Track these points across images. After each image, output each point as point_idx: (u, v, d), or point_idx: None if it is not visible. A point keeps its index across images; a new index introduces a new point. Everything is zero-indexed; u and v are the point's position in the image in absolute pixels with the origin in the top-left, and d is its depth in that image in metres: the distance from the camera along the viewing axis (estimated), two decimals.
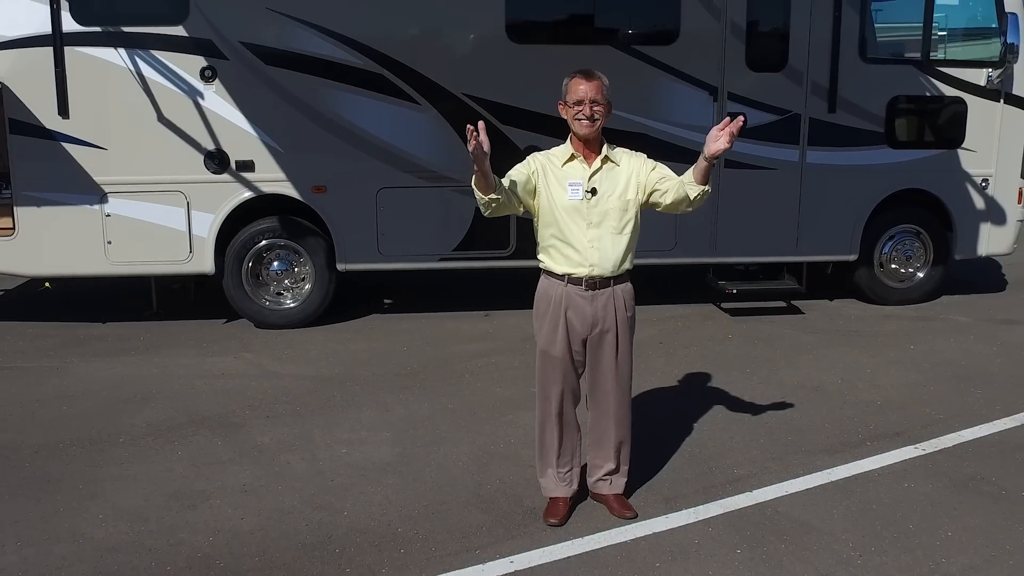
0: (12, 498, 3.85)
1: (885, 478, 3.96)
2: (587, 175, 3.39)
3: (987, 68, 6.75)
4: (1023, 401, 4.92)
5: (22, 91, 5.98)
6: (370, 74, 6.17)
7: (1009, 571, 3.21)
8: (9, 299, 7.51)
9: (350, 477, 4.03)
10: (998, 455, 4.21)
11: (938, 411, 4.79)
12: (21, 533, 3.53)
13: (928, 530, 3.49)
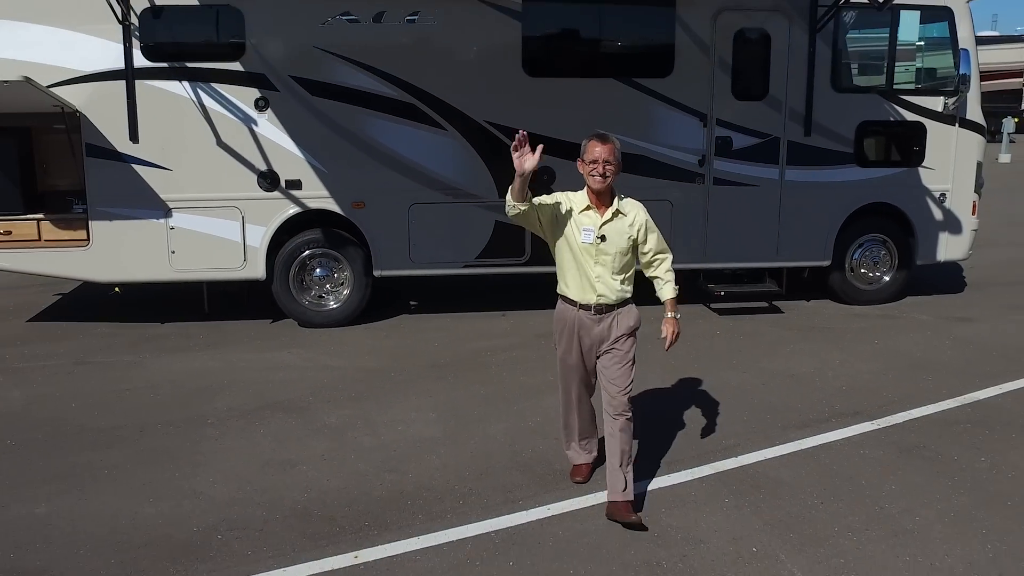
0: (134, 467, 4.72)
1: (845, 446, 4.90)
2: (598, 223, 4.06)
3: (943, 96, 7.72)
4: (966, 386, 5.86)
5: (97, 119, 6.84)
6: (403, 104, 7.06)
7: (936, 513, 4.14)
8: (65, 303, 8.35)
9: (408, 448, 4.92)
10: (938, 429, 5.15)
11: (893, 394, 5.72)
12: (151, 493, 4.41)
13: (876, 485, 4.42)
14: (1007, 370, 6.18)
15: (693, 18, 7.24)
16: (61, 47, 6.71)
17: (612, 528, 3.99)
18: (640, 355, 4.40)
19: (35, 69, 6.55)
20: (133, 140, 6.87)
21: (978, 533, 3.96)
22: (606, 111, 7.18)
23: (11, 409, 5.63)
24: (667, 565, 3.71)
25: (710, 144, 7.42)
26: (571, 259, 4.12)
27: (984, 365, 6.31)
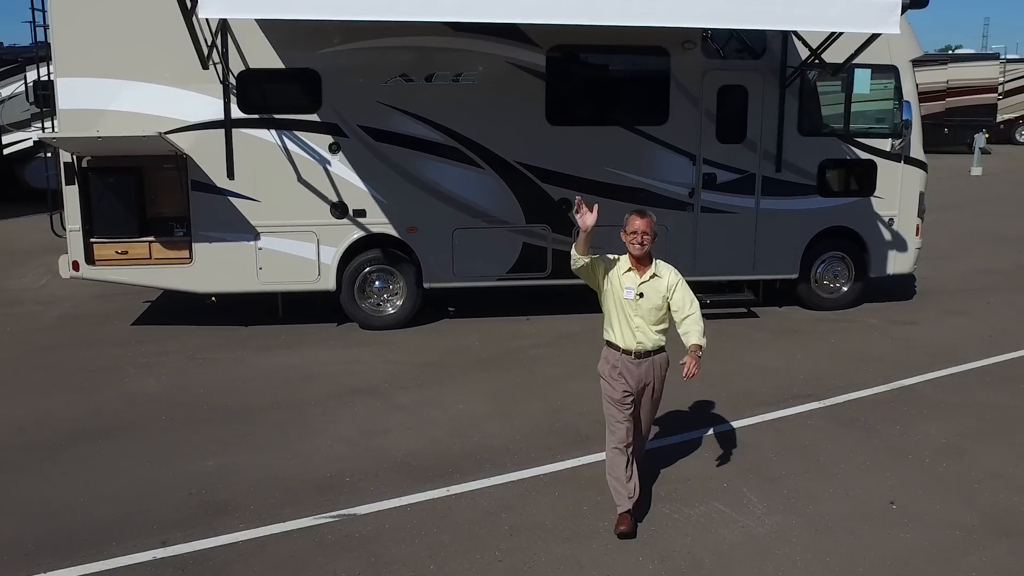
0: (266, 435, 6.37)
1: (796, 419, 6.58)
2: (638, 283, 4.84)
3: (890, 139, 9.41)
4: (896, 375, 7.54)
5: (201, 160, 8.48)
6: (448, 147, 8.72)
7: (857, 464, 5.82)
8: (156, 309, 9.96)
9: (469, 420, 6.58)
10: (869, 407, 6.84)
11: (839, 382, 7.40)
12: (287, 452, 6.06)
13: (816, 445, 6.10)
14: (931, 363, 7.87)
15: (684, 76, 8.91)
16: (174, 102, 8.34)
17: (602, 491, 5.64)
18: None
19: (154, 120, 8.23)
20: (230, 177, 8.50)
21: (884, 475, 5.64)
22: (613, 153, 8.86)
23: (153, 394, 7.27)
24: (664, 494, 5.38)
25: (698, 179, 9.10)
26: (616, 311, 4.90)
27: (914, 359, 8.01)
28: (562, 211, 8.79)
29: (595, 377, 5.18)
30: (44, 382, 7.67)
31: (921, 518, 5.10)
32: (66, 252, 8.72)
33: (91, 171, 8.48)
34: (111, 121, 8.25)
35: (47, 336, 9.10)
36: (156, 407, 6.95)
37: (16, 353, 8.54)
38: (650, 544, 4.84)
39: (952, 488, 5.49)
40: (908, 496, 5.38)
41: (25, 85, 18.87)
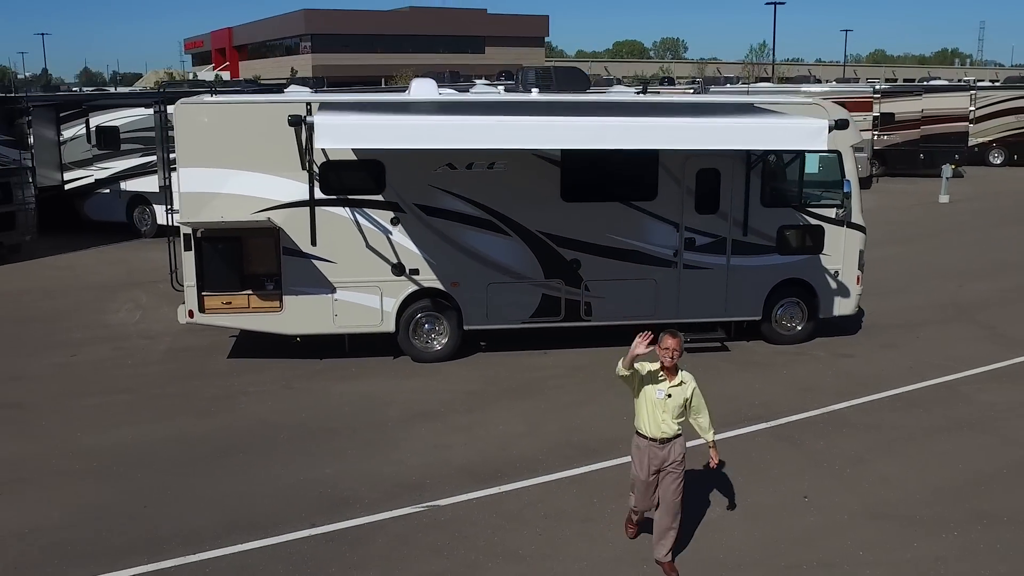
0: (362, 448, 8.81)
1: (748, 436, 9.01)
2: (667, 387, 6.37)
3: (835, 208, 11.85)
4: (829, 401, 9.98)
5: (291, 231, 10.90)
6: (483, 219, 11.16)
7: (787, 470, 8.26)
8: (243, 345, 12.37)
9: (508, 438, 9.03)
10: (804, 427, 9.29)
11: (785, 407, 9.84)
12: (383, 459, 8.50)
13: (759, 456, 8.53)
14: (858, 391, 10.32)
15: (669, 162, 11.33)
16: (271, 187, 10.78)
17: (624, 475, 8.09)
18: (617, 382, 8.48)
19: (255, 201, 10.67)
20: (313, 244, 10.93)
21: (804, 478, 8.09)
22: (613, 222, 11.31)
23: (266, 417, 9.71)
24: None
25: (681, 242, 11.54)
26: (646, 407, 6.43)
27: (845, 387, 10.46)
28: (573, 269, 11.26)
29: (600, 402, 7.58)
30: (176, 408, 10.11)
31: (822, 507, 7.55)
32: (183, 302, 11.14)
33: (204, 240, 10.91)
34: (221, 201, 10.70)
35: (162, 368, 11.54)
36: (272, 428, 9.38)
37: (143, 384, 10.97)
38: (623, 519, 7.28)
39: (848, 487, 7.94)
40: (817, 492, 7.83)
41: (87, 128, 21.34)
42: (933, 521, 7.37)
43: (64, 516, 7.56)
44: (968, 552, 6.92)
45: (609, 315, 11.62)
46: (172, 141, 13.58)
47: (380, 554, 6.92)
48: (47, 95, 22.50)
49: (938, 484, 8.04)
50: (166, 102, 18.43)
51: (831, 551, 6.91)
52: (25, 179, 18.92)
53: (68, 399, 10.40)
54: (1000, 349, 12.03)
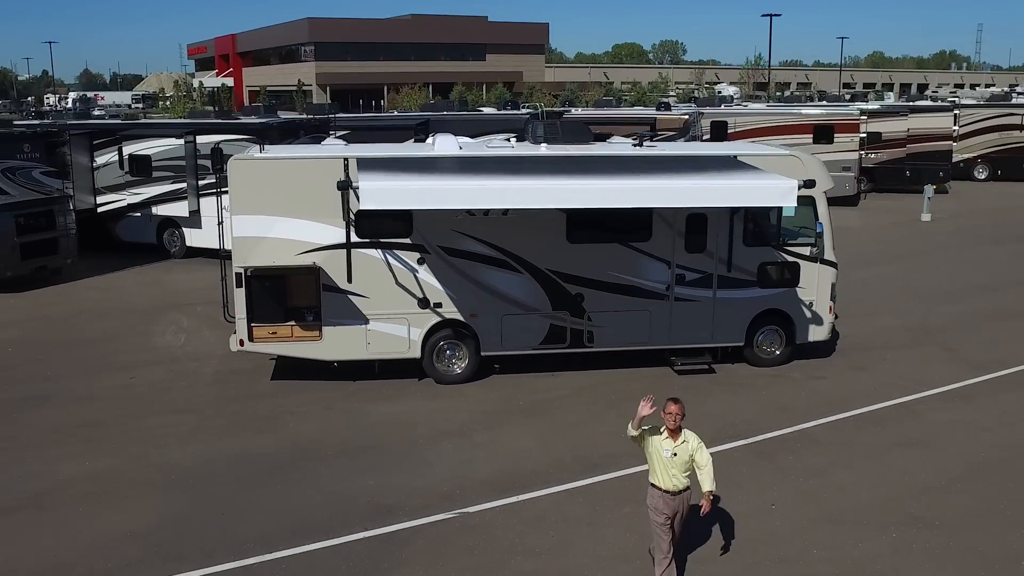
0: (399, 464, 10.37)
1: (727, 452, 10.57)
2: (672, 447, 7.44)
3: (809, 246, 13.42)
4: (801, 419, 11.55)
5: (330, 270, 12.47)
6: (498, 259, 12.73)
7: (761, 484, 9.83)
8: (280, 368, 13.91)
9: (522, 453, 10.60)
10: (777, 443, 10.86)
11: (761, 425, 11.42)
12: (415, 472, 10.06)
13: (735, 469, 10.09)
14: (827, 410, 11.90)
15: (663, 209, 12.88)
16: (312, 231, 12.34)
17: (623, 486, 9.66)
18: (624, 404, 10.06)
19: (298, 244, 12.24)
20: (349, 281, 12.50)
21: (773, 489, 9.66)
22: (613, 261, 12.88)
23: (313, 436, 11.27)
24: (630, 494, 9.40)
25: (672, 278, 13.11)
26: (658, 463, 7.52)
27: (816, 407, 12.03)
28: (577, 302, 12.84)
29: (601, 421, 9.11)
30: (232, 427, 11.69)
31: (786, 513, 9.14)
32: (234, 332, 12.71)
33: (253, 278, 12.47)
34: (269, 245, 12.29)
35: (214, 390, 13.11)
36: (319, 445, 10.96)
37: (200, 404, 12.54)
38: (622, 523, 8.85)
39: (810, 496, 9.52)
40: (784, 501, 9.41)
41: (120, 156, 22.94)
42: (877, 525, 8.94)
43: (156, 521, 9.13)
44: (902, 551, 8.50)
45: (609, 342, 13.20)
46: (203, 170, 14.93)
47: (422, 553, 8.49)
48: (83, 123, 24.01)
49: (885, 494, 9.62)
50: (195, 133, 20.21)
51: (790, 550, 8.49)
52: (66, 206, 20.49)
53: (137, 419, 11.98)
54: (956, 371, 13.61)
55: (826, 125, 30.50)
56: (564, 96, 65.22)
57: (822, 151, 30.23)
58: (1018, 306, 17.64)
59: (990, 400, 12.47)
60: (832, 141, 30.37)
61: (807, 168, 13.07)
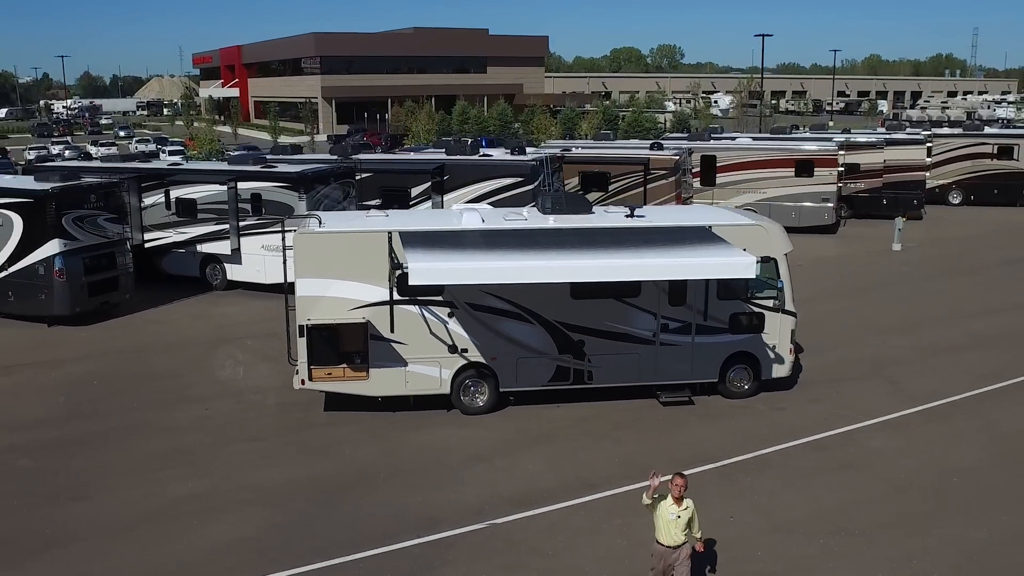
0: (437, 483, 13.19)
1: (697, 475, 13.38)
2: (677, 511, 9.71)
3: (772, 299, 16.25)
4: (761, 446, 14.36)
5: (375, 322, 15.28)
6: (514, 312, 15.56)
7: (723, 500, 12.65)
8: (330, 400, 16.69)
9: (536, 475, 13.42)
10: (739, 467, 13.69)
11: (728, 450, 14.23)
12: (447, 492, 12.88)
13: (702, 490, 12.89)
14: (782, 438, 14.71)
15: None
16: (361, 291, 15.16)
17: (616, 502, 12.48)
18: (627, 417, 12.90)
19: (349, 301, 15.07)
20: (391, 331, 15.32)
21: (733, 504, 12.49)
22: (609, 313, 15.70)
23: (369, 460, 14.08)
24: (612, 507, 12.22)
25: (658, 327, 15.94)
26: (663, 524, 9.73)
27: (774, 435, 14.85)
28: (579, 347, 15.66)
29: (599, 447, 11.94)
30: (300, 452, 14.50)
31: (740, 524, 11.96)
32: (297, 372, 15.52)
33: (312, 329, 15.26)
34: (326, 303, 15.10)
35: (278, 420, 15.92)
36: (373, 467, 13.77)
37: (269, 433, 15.35)
38: (616, 531, 11.65)
39: (762, 511, 12.35)
40: (740, 514, 12.24)
41: (167, 198, 25.75)
42: (812, 533, 11.77)
43: (254, 532, 11.94)
44: (829, 554, 11.33)
45: (606, 380, 16.03)
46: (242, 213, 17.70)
47: (463, 554, 11.31)
48: (135, 168, 26.75)
49: (820, 508, 12.45)
50: (237, 180, 23.17)
51: (740, 553, 11.32)
52: (125, 248, 23.30)
53: (219, 446, 14.79)
54: (895, 403, 16.45)
55: (806, 159, 33.34)
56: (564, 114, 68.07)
57: (803, 183, 33.39)
58: (962, 340, 20.48)
59: (919, 429, 15.32)
60: (812, 174, 33.24)
61: (770, 237, 15.95)
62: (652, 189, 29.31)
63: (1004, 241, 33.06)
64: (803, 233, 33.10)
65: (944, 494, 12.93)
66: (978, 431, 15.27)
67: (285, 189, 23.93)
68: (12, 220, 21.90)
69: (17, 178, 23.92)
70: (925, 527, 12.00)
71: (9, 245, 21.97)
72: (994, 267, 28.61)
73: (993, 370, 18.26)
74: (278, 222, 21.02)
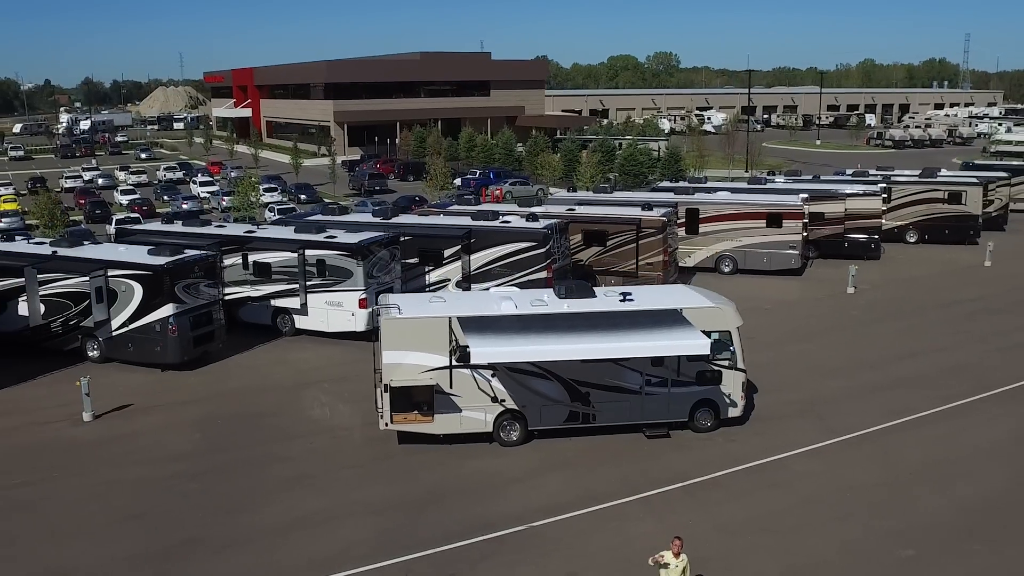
0: (490, 500, 19.39)
1: (670, 492, 19.57)
2: (675, 562, 14.64)
3: (728, 360, 22.48)
4: (714, 470, 20.54)
5: (439, 381, 21.49)
6: (540, 373, 21.79)
7: (675, 516, 18.85)
8: (402, 436, 22.81)
9: (559, 491, 19.64)
10: (700, 486, 19.90)
11: (690, 473, 20.41)
12: (493, 507, 19.09)
13: (668, 505, 19.11)
14: (731, 464, 20.90)
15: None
16: (428, 359, 21.36)
17: (616, 511, 18.67)
18: (614, 459, 19.10)
19: (419, 367, 21.28)
20: (450, 387, 21.53)
21: (688, 515, 18.69)
22: (609, 373, 21.89)
23: (437, 482, 20.26)
24: (588, 527, 18.41)
25: (643, 381, 22.15)
26: (666, 573, 14.81)
27: (725, 462, 21.03)
28: (586, 397, 21.88)
29: (601, 471, 18.11)
30: (389, 477, 20.68)
31: (695, 526, 18.16)
32: (381, 417, 21.73)
33: (394, 388, 21.42)
34: (403, 368, 21.31)
35: (367, 451, 22.10)
36: (444, 488, 19.96)
37: (363, 461, 21.52)
38: (618, 533, 17.81)
39: (710, 516, 18.54)
40: (696, 518, 18.43)
41: (244, 261, 31.94)
42: (742, 532, 17.94)
43: (369, 534, 18.11)
44: (753, 547, 17.50)
45: (606, 420, 22.23)
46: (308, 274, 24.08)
47: (511, 548, 17.50)
48: (217, 235, 32.90)
49: (750, 515, 18.63)
50: (304, 248, 29.58)
51: (693, 545, 17.45)
52: (219, 306, 29.46)
53: (329, 472, 20.97)
54: (820, 435, 22.65)
55: (776, 213, 39.56)
56: (564, 146, 74.11)
57: (773, 233, 39.62)
58: (884, 382, 26.68)
59: (833, 456, 21.51)
60: (781, 226, 39.47)
61: (726, 316, 22.22)
62: (643, 244, 35.47)
63: (944, 283, 39.32)
64: (773, 275, 39.61)
65: (840, 505, 19.12)
66: (877, 457, 21.47)
67: (345, 256, 30.13)
68: (133, 288, 28.07)
69: (132, 250, 29.98)
70: (821, 528, 18.20)
71: (130, 307, 28.15)
72: (928, 310, 34.82)
73: (902, 407, 24.46)
74: (340, 282, 27.44)
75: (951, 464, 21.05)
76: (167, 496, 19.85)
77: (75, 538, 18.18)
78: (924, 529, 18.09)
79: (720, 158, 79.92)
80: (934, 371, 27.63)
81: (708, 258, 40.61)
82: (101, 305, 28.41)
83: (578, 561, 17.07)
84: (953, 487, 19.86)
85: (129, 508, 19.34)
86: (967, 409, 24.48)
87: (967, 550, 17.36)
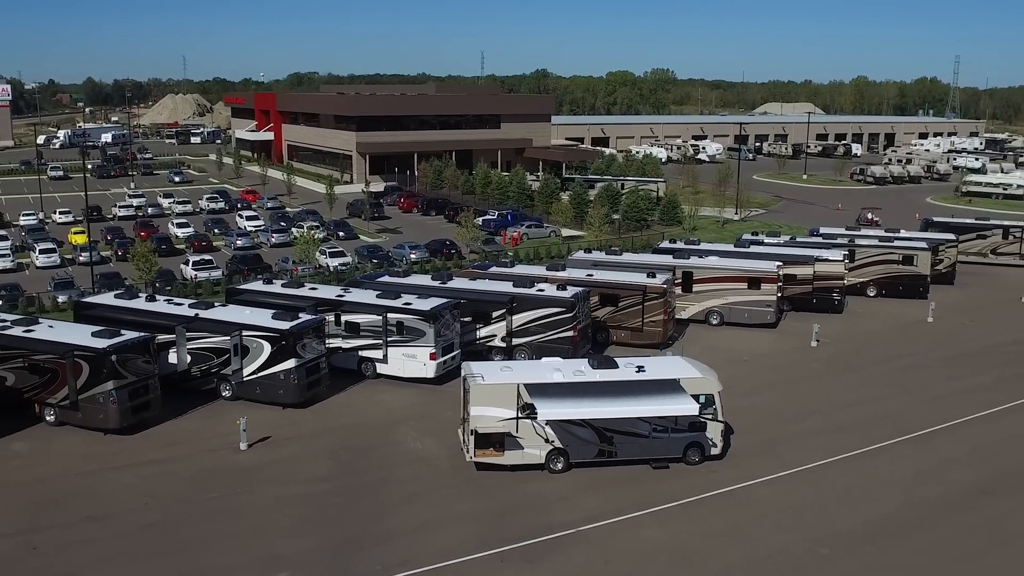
0: (544, 510, 29.40)
1: (662, 511, 29.58)
2: None
3: (712, 415, 32.55)
4: (697, 493, 30.55)
5: (509, 429, 31.49)
6: (580, 422, 31.81)
7: (663, 524, 28.89)
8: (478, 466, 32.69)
9: (589, 507, 29.63)
10: (682, 506, 29.93)
11: (679, 495, 30.44)
12: (534, 521, 29.09)
13: (652, 524, 29.12)
14: (709, 489, 30.93)
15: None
16: (502, 412, 31.37)
17: (633, 522, 28.68)
18: (631, 483, 29.15)
19: (496, 418, 31.33)
20: (516, 432, 31.53)
21: (663, 530, 28.72)
22: (627, 423, 31.91)
23: (511, 498, 30.26)
24: (572, 542, 28.44)
25: (651, 429, 32.19)
26: None
27: (704, 488, 31.03)
28: (611, 440, 31.91)
29: (623, 492, 28.08)
30: (477, 494, 30.67)
31: (676, 533, 28.16)
32: (467, 451, 31.76)
33: (478, 433, 31.38)
34: (486, 418, 31.36)
35: (456, 476, 32.07)
36: (514, 502, 29.96)
37: (456, 482, 31.48)
38: (634, 535, 27.80)
39: (687, 527, 28.56)
40: (677, 529, 28.43)
41: (337, 319, 41.87)
42: (715, 537, 27.92)
43: (470, 535, 28.03)
44: (712, 549, 27.51)
45: (625, 456, 32.29)
46: (390, 332, 34.42)
47: (565, 546, 27.48)
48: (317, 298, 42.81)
49: (712, 528, 28.60)
50: (387, 312, 40.14)
51: (672, 548, 27.45)
52: (324, 360, 39.32)
53: (433, 490, 30.90)
54: (776, 468, 32.71)
55: (755, 277, 49.73)
56: (573, 190, 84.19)
57: (753, 293, 49.79)
58: (829, 426, 36.73)
59: (783, 484, 31.57)
60: (760, 288, 49.64)
61: (710, 383, 32.32)
62: (647, 306, 45.53)
63: (891, 337, 49.53)
64: (752, 328, 49.75)
65: (783, 519, 29.12)
66: (812, 485, 31.50)
67: (420, 320, 40.06)
68: (263, 345, 37.94)
69: (256, 313, 39.79)
70: (768, 535, 28.19)
71: (260, 359, 37.99)
72: (874, 364, 44.95)
73: (837, 448, 34.53)
74: (415, 339, 37.78)
75: (863, 491, 31.17)
76: (326, 507, 29.74)
77: (272, 535, 28.03)
78: (837, 536, 28.15)
79: (712, 195, 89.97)
80: (866, 418, 37.73)
81: (700, 312, 50.74)
82: (237, 357, 38.25)
83: (610, 554, 27.07)
84: (861, 507, 29.95)
85: (302, 515, 29.22)
86: (884, 451, 34.61)
87: (863, 550, 27.43)
